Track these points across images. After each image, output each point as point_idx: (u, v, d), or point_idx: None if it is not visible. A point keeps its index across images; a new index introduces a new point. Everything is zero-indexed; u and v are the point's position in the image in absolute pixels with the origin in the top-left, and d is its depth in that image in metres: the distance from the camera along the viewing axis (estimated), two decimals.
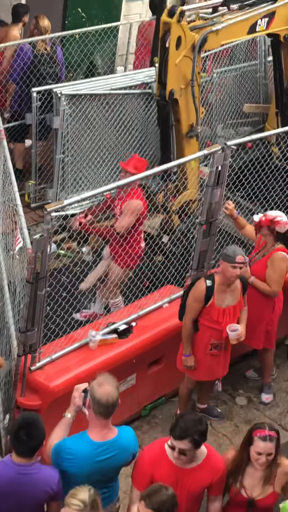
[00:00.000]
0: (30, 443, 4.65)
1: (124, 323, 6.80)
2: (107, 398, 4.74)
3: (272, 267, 6.91)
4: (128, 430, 5.06)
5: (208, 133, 10.22)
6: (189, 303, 6.54)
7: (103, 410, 4.78)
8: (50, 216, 5.69)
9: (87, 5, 10.99)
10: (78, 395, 4.89)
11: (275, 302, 7.11)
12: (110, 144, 9.24)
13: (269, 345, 7.30)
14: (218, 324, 6.52)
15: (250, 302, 6.90)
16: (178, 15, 7.75)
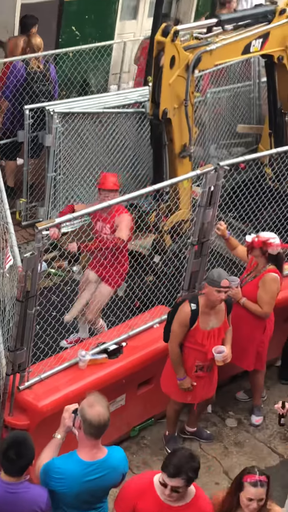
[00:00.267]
0: (19, 462, 4.60)
1: (114, 343, 6.75)
2: (98, 419, 4.70)
3: (263, 288, 6.88)
4: (118, 450, 5.01)
5: (201, 153, 10.23)
6: (174, 329, 6.50)
7: (94, 431, 4.73)
8: (41, 234, 5.66)
9: (81, 24, 11.02)
10: (68, 416, 4.84)
11: (266, 323, 7.07)
12: (103, 163, 9.23)
13: (259, 366, 7.26)
14: (202, 346, 6.50)
15: (241, 323, 6.87)
16: (172, 35, 7.76)
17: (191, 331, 6.46)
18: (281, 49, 9.11)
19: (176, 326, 6.47)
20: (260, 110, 10.95)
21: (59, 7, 10.91)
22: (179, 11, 12.87)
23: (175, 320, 6.48)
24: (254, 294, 6.92)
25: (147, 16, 12.14)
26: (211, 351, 6.47)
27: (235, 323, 6.80)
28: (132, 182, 9.50)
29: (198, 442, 7.20)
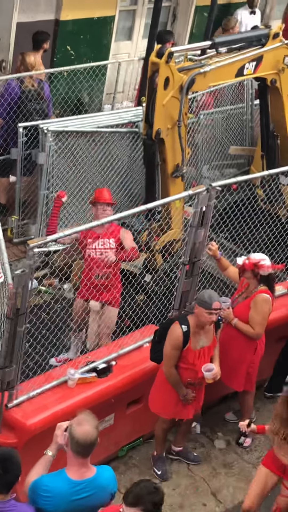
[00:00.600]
0: (6, 477, 4.57)
1: (103, 362, 6.73)
2: (85, 437, 4.68)
3: (255, 309, 6.89)
4: (107, 469, 4.99)
5: (194, 174, 10.26)
6: (167, 352, 6.49)
7: (81, 450, 4.72)
8: (33, 252, 5.65)
9: (76, 43, 11.08)
10: (61, 433, 4.82)
11: (257, 344, 7.07)
12: (95, 181, 9.24)
13: (249, 387, 7.26)
14: (194, 366, 6.52)
15: (232, 344, 6.87)
16: (166, 56, 7.81)
17: (183, 352, 6.46)
18: (274, 72, 9.18)
19: (169, 349, 6.46)
20: (252, 132, 11.01)
21: (54, 27, 10.97)
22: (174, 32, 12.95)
23: (168, 344, 6.46)
24: (246, 315, 6.93)
25: (142, 37, 12.22)
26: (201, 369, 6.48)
27: (226, 343, 6.80)
28: (124, 201, 9.52)
29: (186, 463, 7.17)
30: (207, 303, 6.33)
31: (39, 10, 10.68)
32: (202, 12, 12.71)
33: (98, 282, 7.31)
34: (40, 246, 5.75)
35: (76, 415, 4.82)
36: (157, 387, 6.70)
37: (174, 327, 6.45)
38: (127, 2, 12.06)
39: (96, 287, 7.32)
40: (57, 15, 10.92)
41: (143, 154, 8.64)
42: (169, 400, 6.66)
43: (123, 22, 12.12)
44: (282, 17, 14.72)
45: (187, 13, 12.89)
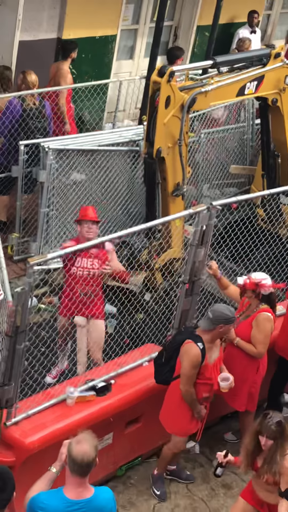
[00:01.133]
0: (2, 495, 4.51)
1: (102, 381, 6.71)
2: (82, 457, 4.64)
3: (257, 328, 6.88)
4: (106, 490, 4.92)
5: (194, 193, 10.29)
6: (186, 372, 6.42)
7: (77, 469, 4.67)
8: (33, 269, 5.65)
9: (78, 62, 11.13)
10: (66, 451, 4.78)
11: (259, 363, 7.05)
12: (96, 199, 9.26)
13: (251, 407, 7.22)
14: (210, 380, 6.52)
15: (234, 363, 6.85)
16: (168, 75, 7.84)
17: (201, 368, 6.45)
18: (275, 92, 9.22)
19: (189, 369, 6.41)
20: (253, 152, 11.04)
21: (56, 45, 11.03)
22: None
23: (187, 364, 6.40)
24: (248, 334, 6.92)
25: (144, 56, 12.29)
26: (217, 381, 6.50)
27: (228, 363, 6.79)
28: (124, 219, 9.53)
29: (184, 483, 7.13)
30: (232, 317, 6.41)
31: (41, 29, 10.74)
32: (203, 31, 12.79)
33: (80, 301, 7.26)
34: (40, 263, 5.74)
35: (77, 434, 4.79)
36: (172, 408, 6.65)
37: (191, 347, 6.39)
38: (129, 21, 12.13)
39: (81, 302, 7.26)
40: (59, 34, 10.99)
41: (143, 172, 8.66)
42: (185, 418, 6.62)
43: (124, 41, 12.19)
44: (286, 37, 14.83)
45: (188, 33, 12.97)
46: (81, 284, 7.23)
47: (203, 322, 6.46)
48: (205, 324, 6.43)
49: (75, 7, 10.87)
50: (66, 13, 10.84)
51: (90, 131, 10.56)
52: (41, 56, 10.78)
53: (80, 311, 7.30)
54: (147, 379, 6.84)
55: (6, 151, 9.40)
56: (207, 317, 6.42)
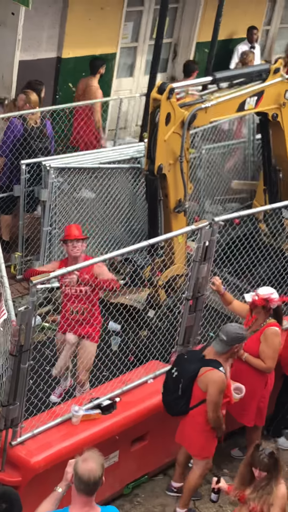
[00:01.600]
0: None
1: (107, 399, 6.69)
2: (88, 475, 4.62)
3: (265, 343, 6.86)
4: (112, 509, 4.90)
5: (196, 209, 10.29)
6: (216, 399, 6.38)
7: (83, 487, 4.65)
8: (36, 288, 5.65)
9: (78, 80, 11.18)
10: (71, 470, 4.75)
11: (267, 378, 7.03)
12: (98, 217, 9.27)
13: (259, 422, 7.20)
14: (227, 397, 6.54)
15: (242, 379, 6.84)
16: (168, 92, 7.86)
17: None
18: (275, 107, 9.24)
19: (218, 396, 6.38)
20: (254, 167, 11.06)
21: (56, 64, 11.09)
22: (175, 69, 13.09)
23: (216, 391, 6.34)
24: (256, 349, 6.90)
25: (144, 74, 12.34)
26: (232, 396, 6.54)
27: (236, 378, 6.78)
28: (127, 237, 9.54)
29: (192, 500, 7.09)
30: (245, 335, 6.46)
31: (41, 48, 10.80)
32: (202, 48, 12.84)
33: (73, 319, 7.25)
34: (43, 282, 5.74)
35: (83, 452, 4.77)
36: (197, 435, 6.61)
37: (216, 374, 6.33)
38: (128, 39, 12.19)
39: (75, 321, 7.25)
40: (59, 53, 11.04)
41: (145, 189, 8.67)
42: (212, 440, 6.65)
43: (124, 59, 12.25)
44: (285, 52, 14.91)
45: (187, 49, 13.02)
46: (73, 301, 7.24)
47: (218, 346, 6.41)
48: (221, 347, 6.40)
49: (75, 26, 10.93)
50: (66, 32, 10.90)
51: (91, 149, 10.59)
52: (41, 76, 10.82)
53: (72, 329, 7.30)
54: (152, 396, 6.83)
55: (8, 170, 9.43)
56: (221, 340, 6.38)
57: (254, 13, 13.69)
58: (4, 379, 5.96)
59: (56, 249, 9.06)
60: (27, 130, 9.32)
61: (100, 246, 9.30)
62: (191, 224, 7.09)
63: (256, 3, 13.61)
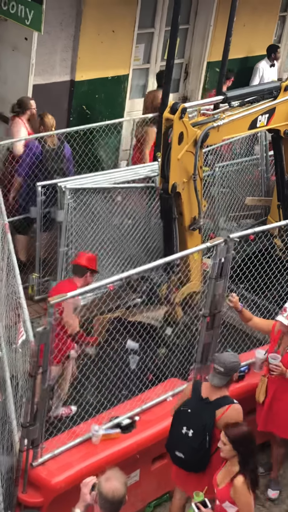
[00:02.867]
0: None
1: (127, 418, 6.70)
2: (113, 494, 4.64)
3: None
4: None
5: (211, 226, 10.32)
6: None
7: (108, 506, 4.67)
8: (53, 308, 5.69)
9: (91, 102, 11.27)
10: (87, 490, 4.77)
11: None
12: (114, 237, 9.31)
13: None
14: None
15: (283, 394, 6.87)
16: (180, 112, 7.93)
17: None
18: (287, 123, 9.28)
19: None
20: (268, 183, 11.09)
21: (70, 87, 11.19)
22: (186, 89, 13.17)
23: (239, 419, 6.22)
24: None
25: None
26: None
27: (280, 396, 6.91)
28: (143, 255, 9.57)
29: None
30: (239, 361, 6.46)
31: (55, 72, 10.90)
32: (213, 67, 12.92)
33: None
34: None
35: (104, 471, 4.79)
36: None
37: (234, 410, 6.24)
38: (140, 61, 12.29)
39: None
40: (72, 76, 11.14)
41: (160, 208, 8.72)
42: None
43: (136, 80, 12.34)
44: None
45: (199, 69, 13.10)
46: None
47: (217, 380, 6.26)
48: (220, 380, 6.27)
49: (87, 49, 11.04)
50: (78, 56, 11.00)
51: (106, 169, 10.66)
52: (54, 99, 10.94)
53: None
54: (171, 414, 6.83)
55: (24, 192, 9.51)
56: (219, 372, 6.23)
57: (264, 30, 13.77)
58: (24, 400, 5.99)
59: None
60: (44, 151, 9.42)
61: (116, 265, 9.34)
62: (207, 241, 7.12)
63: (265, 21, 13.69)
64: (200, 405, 6.29)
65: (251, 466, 5.68)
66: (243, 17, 12.39)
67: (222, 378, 6.26)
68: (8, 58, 10.37)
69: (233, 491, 5.64)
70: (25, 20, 8.82)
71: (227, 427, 5.74)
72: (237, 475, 5.64)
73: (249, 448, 5.69)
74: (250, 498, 5.65)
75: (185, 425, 6.24)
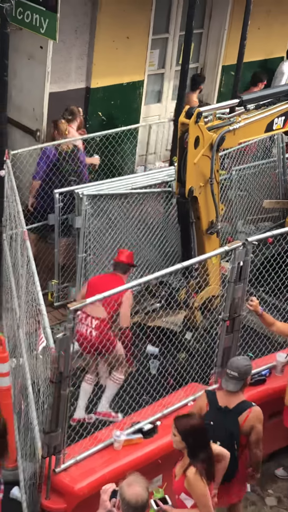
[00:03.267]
0: None
1: (149, 423, 6.70)
2: (136, 499, 4.65)
3: None
4: None
5: (229, 229, 10.31)
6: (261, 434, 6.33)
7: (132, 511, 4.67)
8: (73, 314, 5.70)
9: (107, 109, 11.31)
10: (107, 497, 4.78)
11: None
12: (132, 242, 9.33)
13: None
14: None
15: None
16: (195, 116, 7.94)
17: None
18: None
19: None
20: (285, 185, 11.07)
21: (85, 94, 11.23)
22: (202, 93, 13.17)
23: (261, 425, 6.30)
24: None
25: (171, 99, 12.44)
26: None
27: None
28: (161, 260, 9.58)
29: None
30: (251, 364, 6.43)
31: (70, 79, 10.95)
32: (228, 71, 12.92)
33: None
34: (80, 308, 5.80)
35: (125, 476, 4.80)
36: None
37: (256, 412, 6.25)
38: (155, 67, 12.31)
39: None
40: (88, 83, 11.19)
41: (177, 212, 8.73)
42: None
43: (152, 85, 12.36)
44: None
45: (214, 73, 13.10)
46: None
47: (232, 385, 6.24)
48: (235, 385, 6.26)
49: (102, 56, 11.07)
50: (94, 63, 11.04)
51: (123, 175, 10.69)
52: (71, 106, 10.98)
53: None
54: None
55: (41, 199, 9.56)
56: (233, 377, 6.23)
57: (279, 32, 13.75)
58: (45, 406, 6.01)
59: (92, 275, 9.13)
60: (61, 154, 9.50)
61: (135, 270, 9.35)
62: (225, 245, 7.12)
63: (280, 23, 13.67)
64: (221, 415, 6.26)
65: (201, 457, 5.61)
66: (258, 20, 12.37)
67: (237, 383, 6.25)
68: (24, 67, 10.43)
69: (186, 483, 5.61)
70: (40, 28, 8.87)
71: (177, 418, 5.76)
72: (189, 467, 5.61)
73: (197, 440, 5.64)
74: (204, 489, 5.56)
75: (211, 439, 6.12)
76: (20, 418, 7.07)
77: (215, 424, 6.20)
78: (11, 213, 8.41)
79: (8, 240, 8.71)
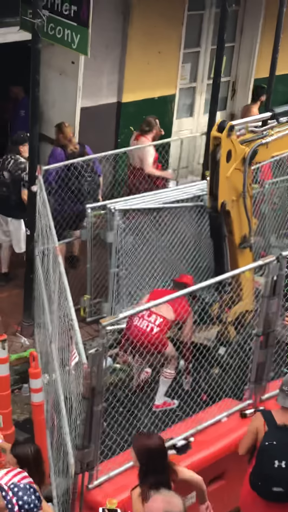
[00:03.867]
0: None
1: (182, 439, 6.65)
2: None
3: None
4: None
5: (262, 244, 10.24)
6: None
7: None
8: (105, 330, 5.68)
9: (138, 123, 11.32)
10: None
11: None
12: (164, 257, 9.30)
13: None
14: None
15: None
16: (227, 130, 7.90)
17: None
18: None
19: None
20: None
21: (117, 109, 11.27)
22: (234, 106, 13.16)
23: None
24: None
25: (203, 113, 12.44)
26: None
27: None
28: (194, 275, 9.53)
29: None
30: None
31: (102, 94, 11.00)
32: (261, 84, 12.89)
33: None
34: (113, 324, 5.77)
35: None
36: None
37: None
38: (187, 80, 12.33)
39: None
40: (119, 98, 11.23)
41: (209, 227, 8.68)
42: None
43: (183, 99, 12.38)
44: None
45: (246, 86, 13.09)
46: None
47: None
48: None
49: (133, 70, 11.12)
50: (125, 77, 11.09)
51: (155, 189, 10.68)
52: (102, 121, 11.02)
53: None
54: (227, 434, 6.75)
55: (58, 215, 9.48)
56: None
57: None
58: (78, 422, 5.98)
59: (124, 289, 9.12)
60: (69, 154, 9.57)
61: (168, 285, 9.31)
62: (258, 259, 7.06)
63: None
64: (282, 433, 6.07)
65: (150, 481, 5.35)
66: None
67: None
68: (55, 82, 10.50)
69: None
70: (72, 44, 8.91)
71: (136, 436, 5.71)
72: (136, 487, 5.47)
73: (151, 463, 5.44)
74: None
75: (276, 459, 5.99)
76: (53, 434, 7.05)
77: (279, 444, 6.02)
78: (43, 228, 8.42)
79: (40, 256, 8.73)
